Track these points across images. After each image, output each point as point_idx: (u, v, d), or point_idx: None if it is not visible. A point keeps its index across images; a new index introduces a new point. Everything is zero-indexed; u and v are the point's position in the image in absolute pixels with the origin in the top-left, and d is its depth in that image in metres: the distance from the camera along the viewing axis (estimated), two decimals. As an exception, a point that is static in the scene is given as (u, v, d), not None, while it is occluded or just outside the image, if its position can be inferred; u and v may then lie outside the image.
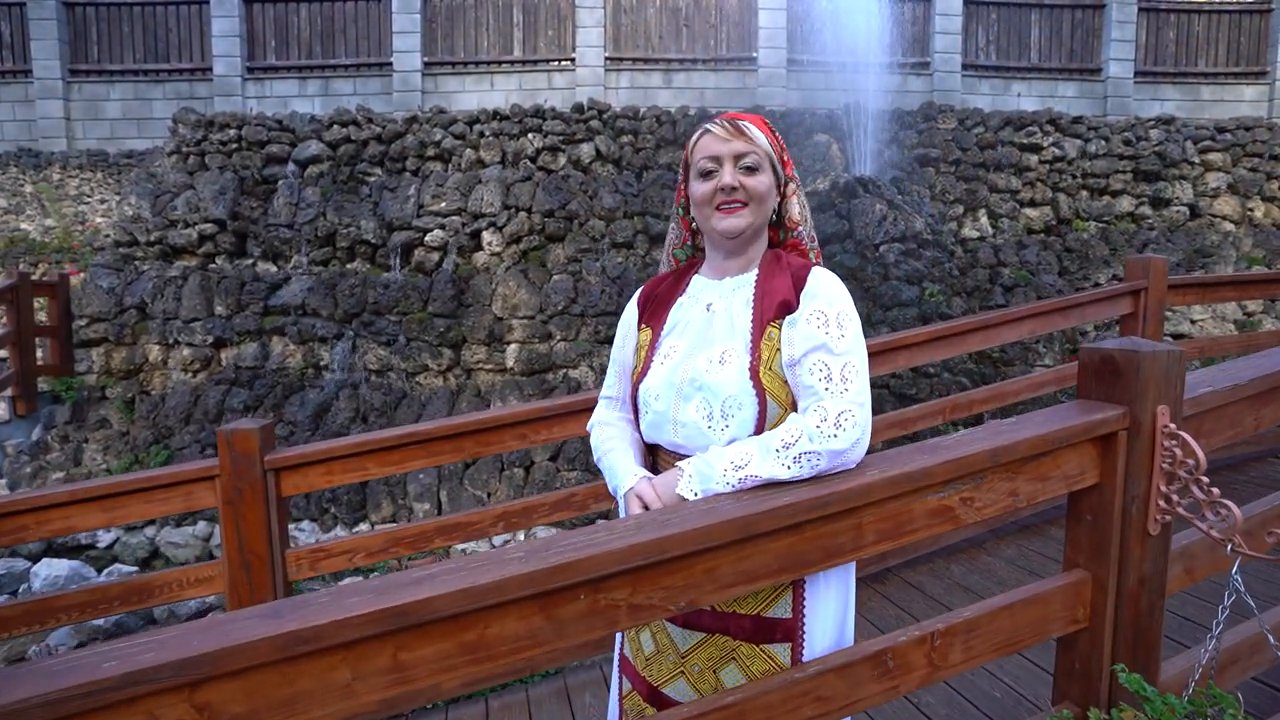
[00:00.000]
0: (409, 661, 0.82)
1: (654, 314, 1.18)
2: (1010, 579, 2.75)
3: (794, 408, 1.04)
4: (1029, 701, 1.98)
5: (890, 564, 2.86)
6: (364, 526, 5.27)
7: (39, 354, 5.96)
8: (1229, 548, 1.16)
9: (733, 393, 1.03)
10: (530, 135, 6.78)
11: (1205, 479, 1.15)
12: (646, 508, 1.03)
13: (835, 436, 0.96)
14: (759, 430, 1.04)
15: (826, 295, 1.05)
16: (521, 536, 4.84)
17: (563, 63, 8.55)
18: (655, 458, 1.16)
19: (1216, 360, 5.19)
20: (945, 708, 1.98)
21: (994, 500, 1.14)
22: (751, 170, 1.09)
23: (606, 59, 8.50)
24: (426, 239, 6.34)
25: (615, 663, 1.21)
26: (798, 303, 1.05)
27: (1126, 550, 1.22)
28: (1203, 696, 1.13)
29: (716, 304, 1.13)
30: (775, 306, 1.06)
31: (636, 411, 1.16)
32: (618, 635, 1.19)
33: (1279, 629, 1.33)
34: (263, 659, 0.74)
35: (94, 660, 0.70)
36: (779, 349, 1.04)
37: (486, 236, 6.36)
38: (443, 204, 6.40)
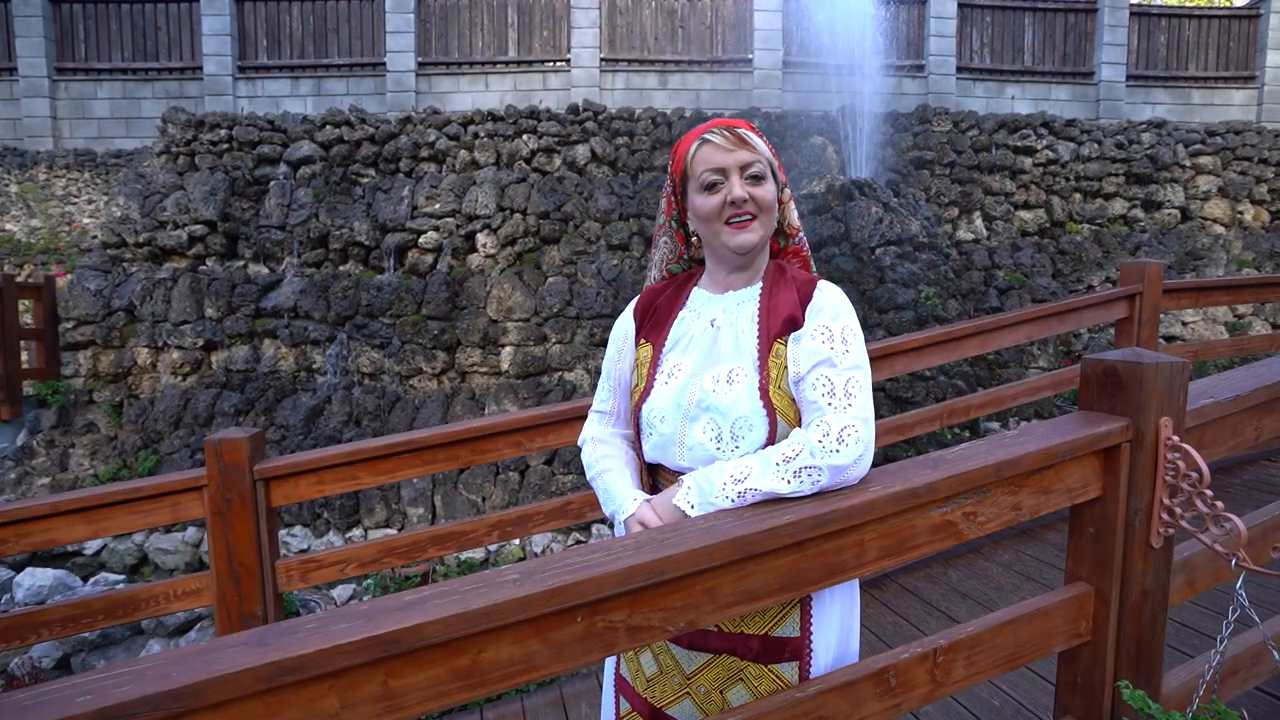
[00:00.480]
0: (400, 689, 0.79)
1: (654, 328, 1.14)
2: (1007, 585, 2.75)
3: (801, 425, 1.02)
4: (1028, 710, 1.96)
5: (888, 569, 2.85)
6: (357, 532, 5.22)
7: (24, 357, 5.88)
8: (1233, 562, 1.14)
9: (744, 413, 1.00)
10: (525, 136, 6.74)
11: (1209, 492, 1.14)
12: None
13: (837, 452, 0.94)
14: None
15: (832, 310, 1.03)
16: (517, 544, 4.81)
17: (558, 64, 8.52)
18: (656, 477, 1.13)
19: (1209, 364, 5.22)
20: (945, 717, 1.96)
21: (997, 514, 1.13)
22: (758, 180, 1.05)
23: (602, 60, 8.48)
24: (420, 241, 6.30)
25: (610, 682, 1.18)
26: (803, 318, 1.03)
27: (1129, 563, 1.20)
28: (1206, 713, 1.12)
29: (720, 319, 1.09)
30: (781, 323, 1.03)
31: (638, 430, 1.12)
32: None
33: (1281, 640, 1.32)
34: (246, 690, 0.71)
35: (67, 694, 0.67)
36: (786, 366, 1.02)
37: (481, 238, 6.32)
38: (437, 205, 6.36)
